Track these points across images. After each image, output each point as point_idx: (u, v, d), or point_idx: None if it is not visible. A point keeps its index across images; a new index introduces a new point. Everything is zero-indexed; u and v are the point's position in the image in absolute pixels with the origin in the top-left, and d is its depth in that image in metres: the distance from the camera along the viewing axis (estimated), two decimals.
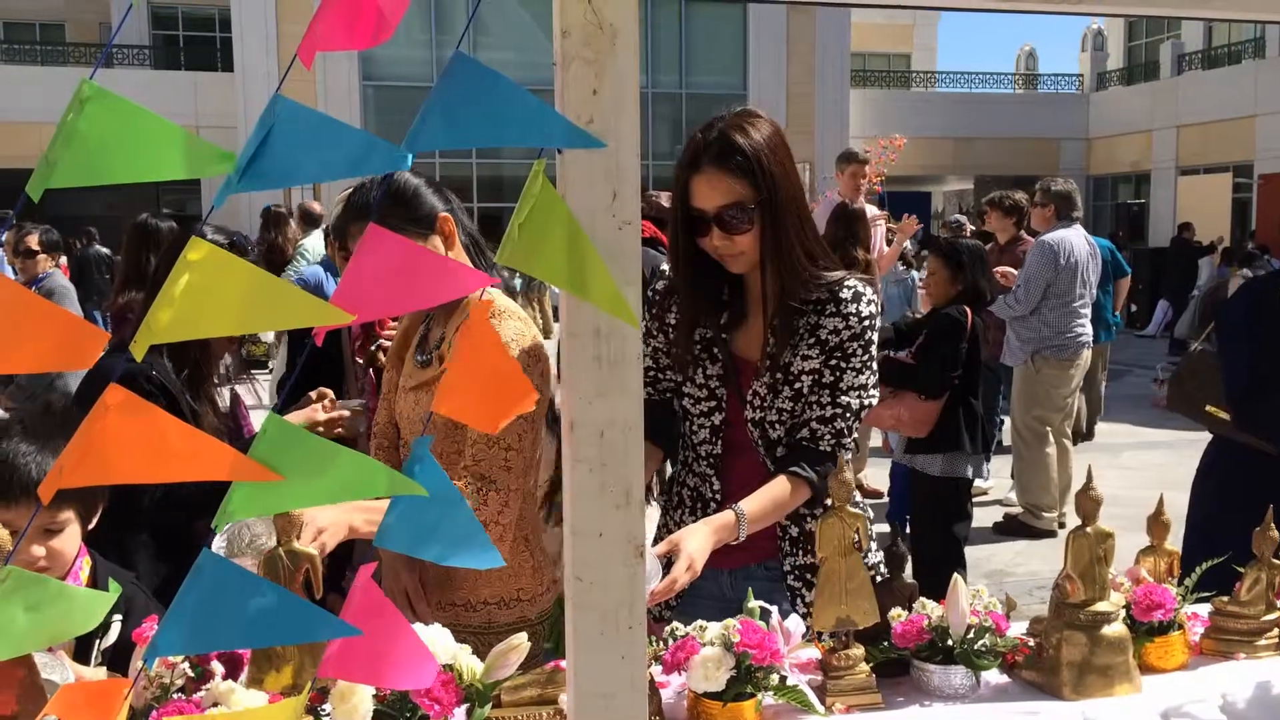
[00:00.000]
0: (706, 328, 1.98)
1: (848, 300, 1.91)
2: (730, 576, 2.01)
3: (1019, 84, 31.58)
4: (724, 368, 1.97)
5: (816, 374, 1.91)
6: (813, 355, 1.91)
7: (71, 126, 0.81)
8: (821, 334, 1.91)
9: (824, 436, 1.91)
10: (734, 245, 1.85)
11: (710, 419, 1.99)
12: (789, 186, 1.85)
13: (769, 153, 1.84)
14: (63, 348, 0.82)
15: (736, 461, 1.99)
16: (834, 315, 1.91)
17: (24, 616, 0.86)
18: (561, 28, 1.11)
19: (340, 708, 1.32)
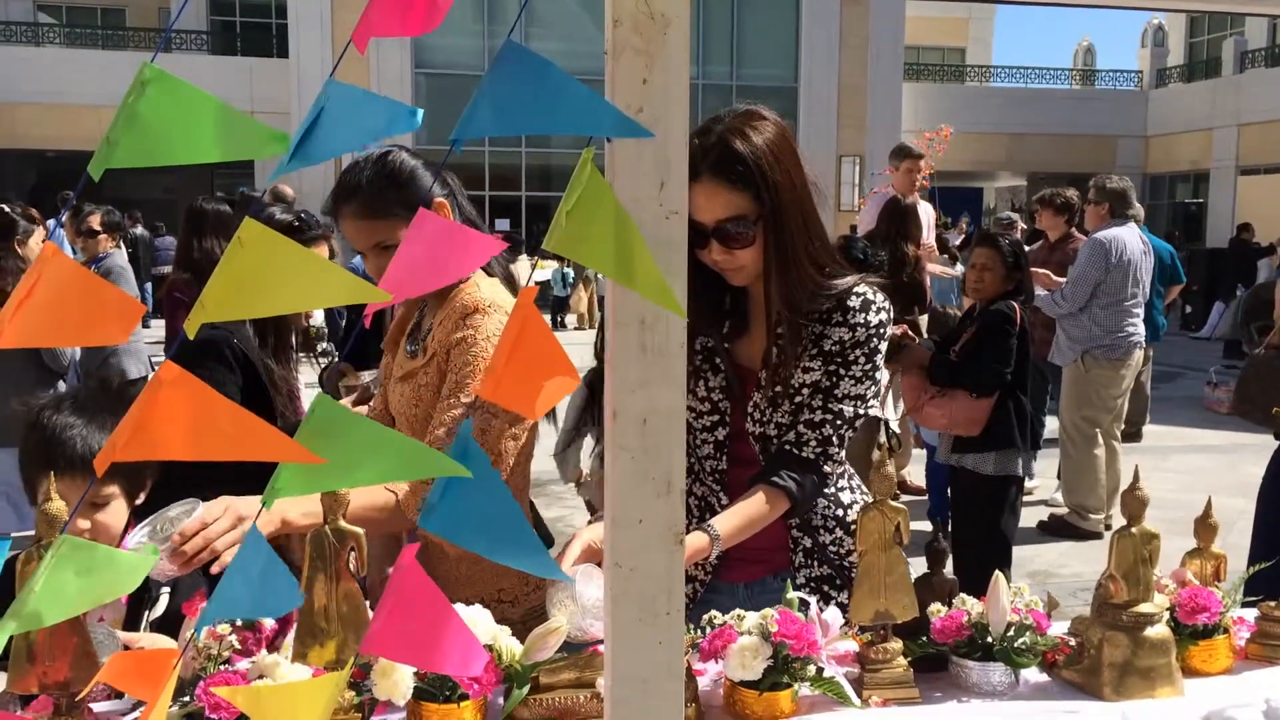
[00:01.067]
0: (708, 337, 1.90)
1: (856, 309, 1.83)
2: (746, 589, 1.96)
3: (1076, 79, 31.09)
4: (726, 379, 1.90)
5: (815, 384, 1.84)
6: (814, 366, 1.83)
7: (132, 108, 0.83)
8: (825, 344, 1.83)
9: (809, 442, 1.83)
10: (734, 260, 1.76)
11: (714, 433, 1.92)
12: (794, 194, 1.75)
13: (772, 159, 1.73)
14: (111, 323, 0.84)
15: (743, 474, 1.90)
16: (840, 325, 1.83)
17: (74, 581, 0.88)
18: (613, 17, 1.12)
19: (382, 683, 1.34)
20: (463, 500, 0.97)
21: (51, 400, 1.88)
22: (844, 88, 24.99)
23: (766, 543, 1.87)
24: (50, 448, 1.72)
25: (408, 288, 0.91)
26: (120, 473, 1.77)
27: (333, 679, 0.97)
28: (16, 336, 0.82)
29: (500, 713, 1.46)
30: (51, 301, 0.82)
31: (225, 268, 0.85)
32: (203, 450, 0.88)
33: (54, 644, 1.26)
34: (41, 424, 1.76)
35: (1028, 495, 6.25)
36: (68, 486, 1.71)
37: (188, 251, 4.44)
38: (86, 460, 1.72)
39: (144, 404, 0.85)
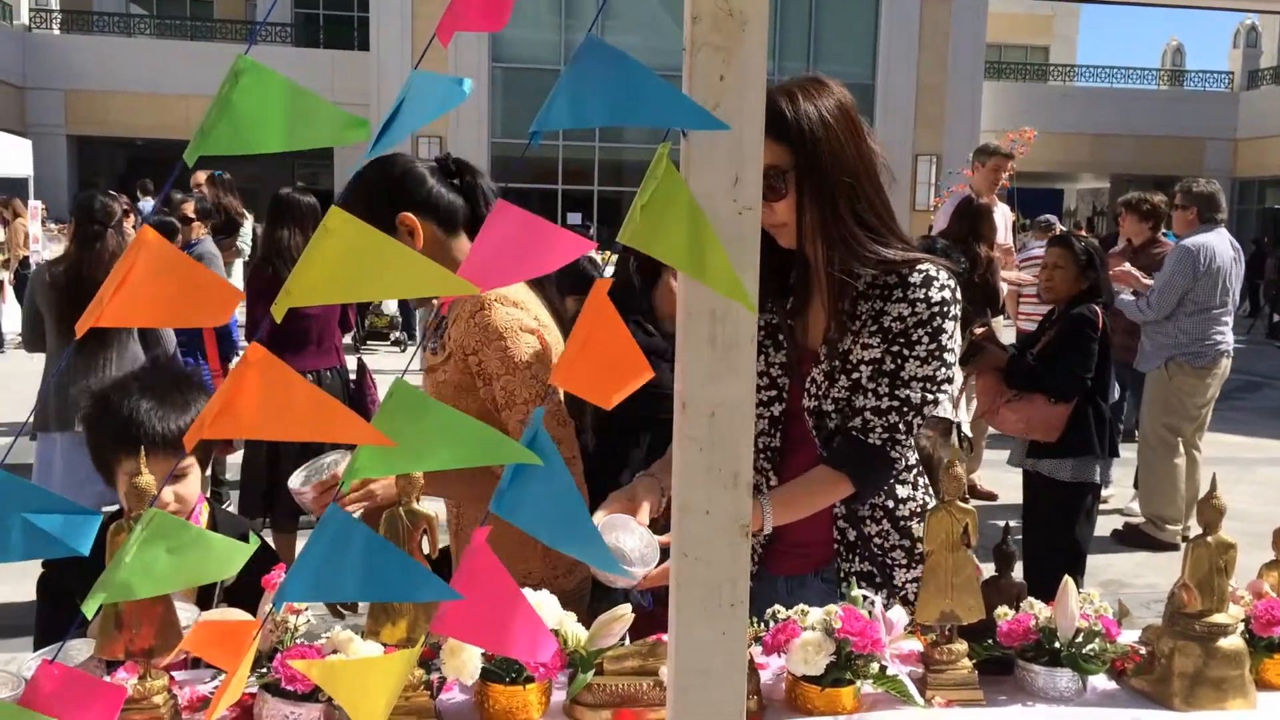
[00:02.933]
0: (771, 313, 1.88)
1: (916, 285, 1.78)
2: (786, 583, 1.92)
3: (1164, 80, 30.32)
4: (788, 355, 1.88)
5: (877, 363, 1.79)
6: (874, 344, 1.78)
7: (225, 98, 0.86)
8: (885, 320, 1.78)
9: (875, 429, 1.78)
10: (771, 214, 1.74)
11: (770, 409, 1.88)
12: (844, 158, 1.73)
13: (819, 121, 1.72)
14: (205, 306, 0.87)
15: (795, 456, 1.88)
16: (900, 301, 1.77)
17: (166, 558, 0.92)
18: (692, 14, 1.13)
19: (450, 662, 1.38)
20: (529, 487, 0.99)
21: (115, 384, 1.95)
22: (922, 86, 24.67)
23: (810, 535, 1.85)
24: (128, 430, 1.79)
25: (488, 278, 0.93)
26: (197, 445, 1.85)
27: (404, 656, 1.00)
28: (116, 316, 0.86)
29: (564, 697, 1.48)
30: (149, 283, 0.85)
31: (311, 255, 0.88)
32: (283, 430, 0.91)
33: (140, 613, 1.32)
34: (113, 408, 1.84)
35: (1103, 503, 6.14)
36: (150, 465, 1.79)
37: (270, 239, 4.56)
38: (165, 439, 1.80)
39: (232, 383, 0.88)
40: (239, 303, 0.87)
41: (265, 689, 1.36)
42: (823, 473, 1.79)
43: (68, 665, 0.90)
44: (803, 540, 1.86)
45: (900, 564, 1.88)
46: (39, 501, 0.92)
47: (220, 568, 0.93)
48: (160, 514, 0.90)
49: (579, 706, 1.45)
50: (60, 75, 23.54)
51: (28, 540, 0.91)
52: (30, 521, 0.92)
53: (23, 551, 0.93)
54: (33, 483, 0.93)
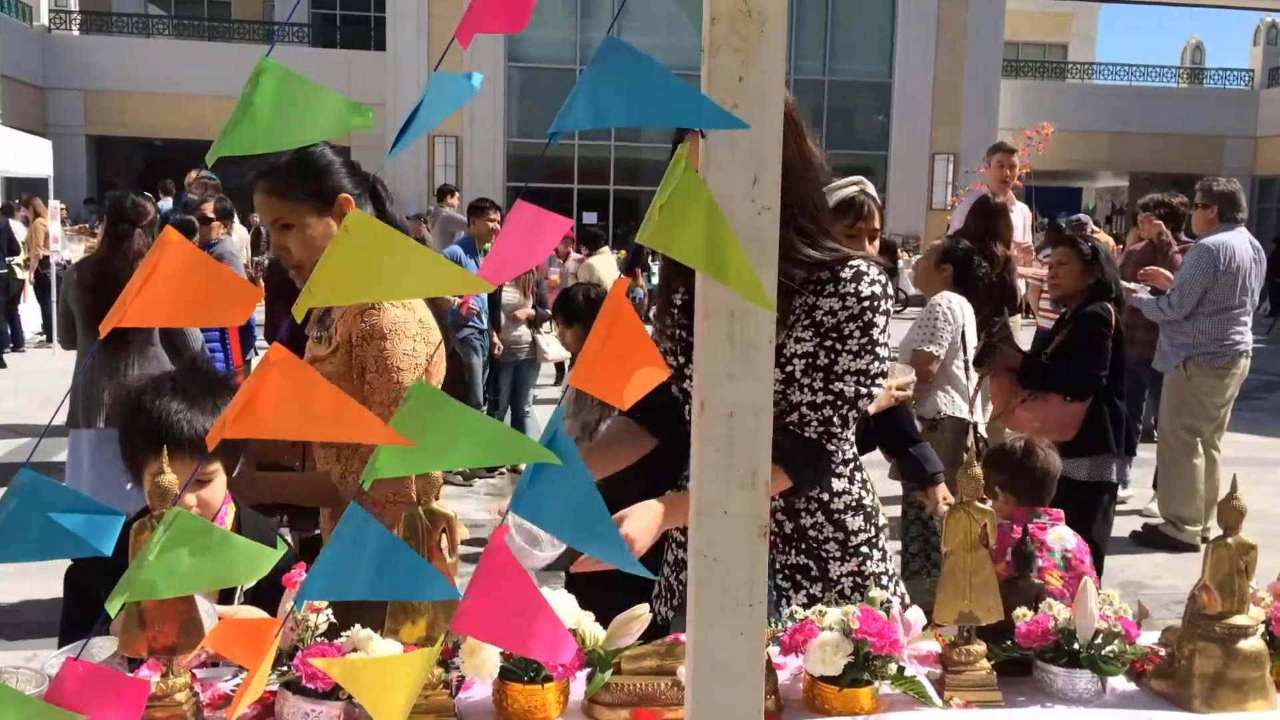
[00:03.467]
0: None
1: (847, 280, 1.80)
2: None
3: (1183, 78, 30.13)
4: None
5: (810, 356, 1.80)
6: (806, 338, 1.80)
7: (247, 98, 0.87)
8: (817, 315, 1.79)
9: (811, 422, 1.79)
10: None
11: None
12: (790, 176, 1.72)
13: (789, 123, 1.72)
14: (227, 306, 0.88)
15: None
16: (831, 295, 1.79)
17: (190, 560, 0.92)
18: (711, 14, 1.13)
19: (469, 661, 1.39)
20: (548, 487, 0.99)
21: (149, 384, 1.96)
22: (939, 84, 24.59)
23: None
24: (157, 430, 1.79)
25: (503, 273, 0.93)
26: (222, 449, 1.85)
27: (424, 655, 1.01)
28: (138, 316, 0.87)
29: (581, 695, 1.49)
30: (172, 283, 0.86)
31: (331, 255, 0.88)
32: (305, 430, 0.92)
33: (163, 611, 1.33)
34: (144, 407, 1.85)
35: (1121, 504, 6.10)
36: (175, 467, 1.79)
37: None
38: (192, 441, 1.80)
39: (253, 383, 0.89)
40: (259, 302, 0.88)
41: (286, 687, 1.37)
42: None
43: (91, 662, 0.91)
44: None
45: (834, 556, 1.90)
46: (64, 501, 0.93)
47: (245, 571, 0.94)
48: (184, 514, 0.90)
49: (597, 705, 1.45)
50: (79, 76, 23.70)
51: (52, 539, 0.92)
52: (55, 521, 0.93)
53: (47, 551, 0.93)
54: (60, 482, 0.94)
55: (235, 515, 1.92)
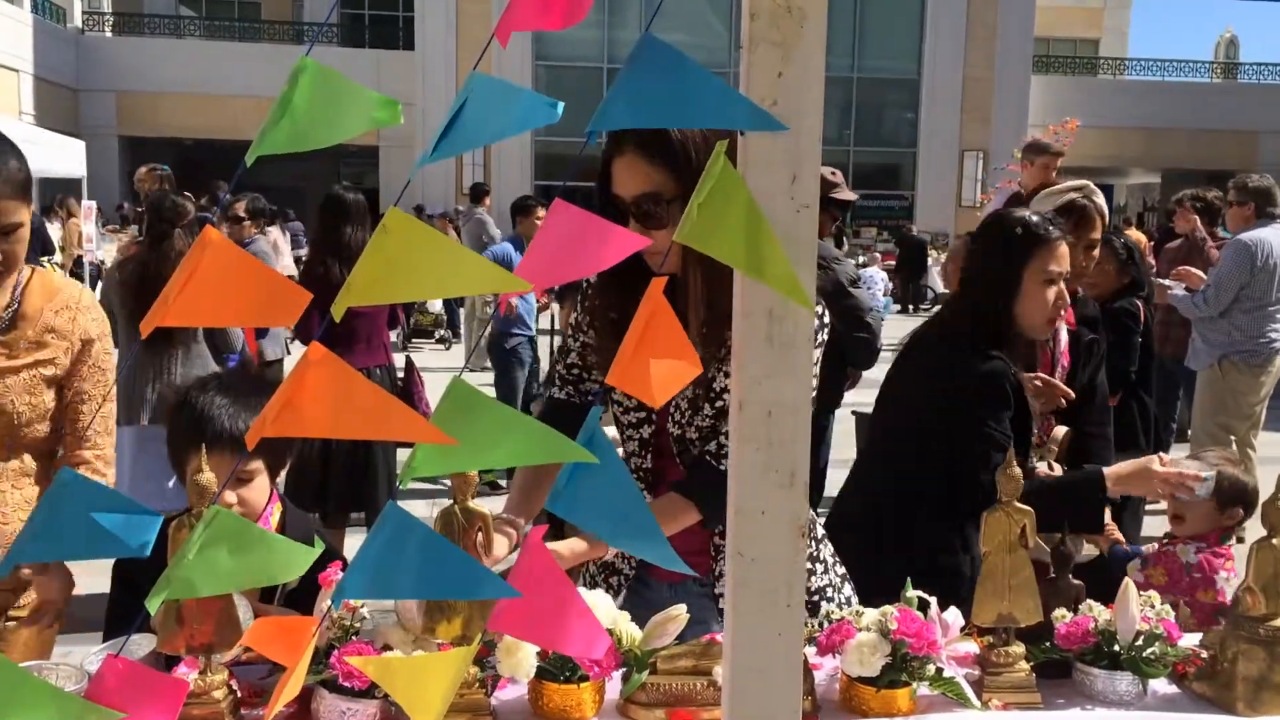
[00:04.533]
0: None
1: None
2: (670, 589, 1.87)
3: (1217, 73, 29.78)
4: None
5: None
6: None
7: (286, 98, 0.87)
8: None
9: (729, 454, 1.72)
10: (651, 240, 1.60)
11: (639, 431, 1.84)
12: None
13: (704, 145, 1.63)
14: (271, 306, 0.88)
15: (668, 475, 1.82)
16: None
17: (228, 559, 0.92)
18: (750, 10, 1.12)
19: (506, 660, 1.39)
20: (587, 485, 0.99)
21: (197, 383, 1.98)
22: (969, 80, 24.42)
23: (687, 546, 1.75)
24: (199, 426, 1.80)
25: (546, 277, 0.93)
26: (265, 449, 1.85)
27: (460, 654, 1.01)
28: (180, 315, 0.87)
29: (617, 695, 1.49)
30: (214, 283, 0.86)
31: (370, 254, 0.88)
32: (344, 428, 0.92)
33: (201, 609, 1.34)
34: (190, 404, 1.86)
35: (1154, 503, 6.03)
36: (215, 464, 1.80)
37: (328, 239, 4.62)
38: (234, 438, 1.81)
39: (292, 382, 0.89)
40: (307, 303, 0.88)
41: (322, 685, 1.38)
42: (670, 499, 1.74)
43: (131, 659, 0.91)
44: (682, 550, 1.77)
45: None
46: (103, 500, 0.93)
47: (284, 570, 0.94)
48: (223, 512, 0.90)
49: (633, 705, 1.45)
50: (112, 77, 23.94)
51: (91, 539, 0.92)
52: (94, 520, 0.93)
53: (85, 550, 0.94)
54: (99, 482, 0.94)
55: (281, 515, 1.92)
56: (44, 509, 0.91)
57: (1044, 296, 2.24)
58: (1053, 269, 2.24)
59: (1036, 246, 2.23)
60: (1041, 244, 2.24)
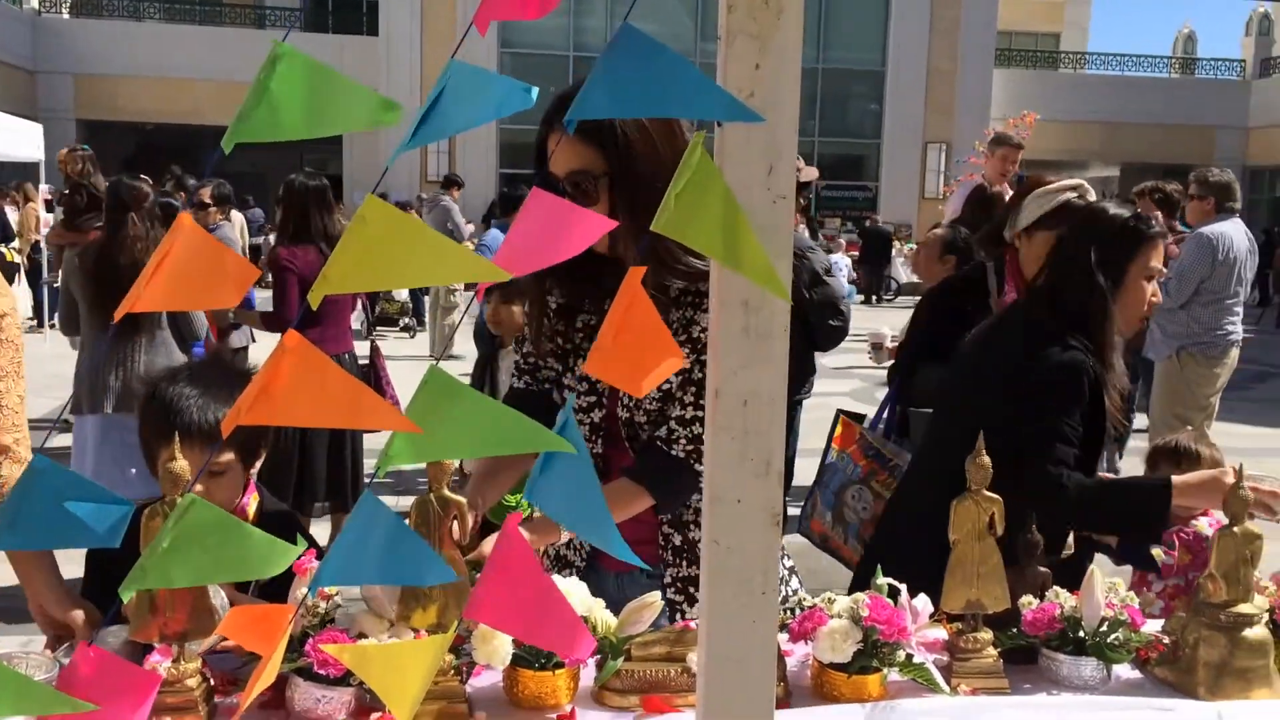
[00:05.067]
0: (590, 314, 1.84)
1: None
2: (616, 579, 1.87)
3: (1175, 68, 30.19)
4: None
5: (686, 372, 1.76)
6: (685, 353, 1.75)
7: (263, 85, 0.86)
8: (694, 330, 1.75)
9: (679, 439, 1.75)
10: None
11: (590, 415, 1.84)
12: (654, 162, 1.67)
13: (633, 124, 1.67)
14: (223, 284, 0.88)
15: (618, 460, 1.82)
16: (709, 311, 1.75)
17: (203, 551, 0.92)
18: (728, 2, 1.13)
19: (482, 648, 1.39)
20: (559, 476, 0.99)
21: (168, 374, 1.96)
22: (932, 73, 24.59)
23: (636, 535, 1.78)
24: (169, 416, 1.78)
25: (521, 264, 0.93)
26: (238, 441, 1.83)
27: (437, 641, 1.01)
28: (151, 301, 0.87)
29: (592, 681, 1.50)
30: (181, 269, 0.86)
31: (347, 242, 0.88)
32: (319, 418, 0.92)
33: (174, 598, 1.33)
34: (160, 395, 1.84)
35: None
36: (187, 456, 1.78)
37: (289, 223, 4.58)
38: (204, 429, 1.79)
39: (267, 371, 0.89)
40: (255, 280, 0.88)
41: (297, 673, 1.38)
42: (622, 484, 1.74)
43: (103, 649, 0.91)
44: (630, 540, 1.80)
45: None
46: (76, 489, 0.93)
47: (262, 566, 0.93)
48: (199, 502, 0.90)
49: (608, 692, 1.46)
50: (70, 59, 23.55)
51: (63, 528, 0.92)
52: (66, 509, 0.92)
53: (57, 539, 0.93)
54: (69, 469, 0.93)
55: (258, 506, 1.91)
56: (16, 498, 0.90)
57: (1144, 292, 2.23)
58: (1154, 265, 2.24)
59: (1142, 243, 2.22)
60: (1147, 240, 2.23)
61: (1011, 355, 2.21)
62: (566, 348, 1.86)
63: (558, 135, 1.69)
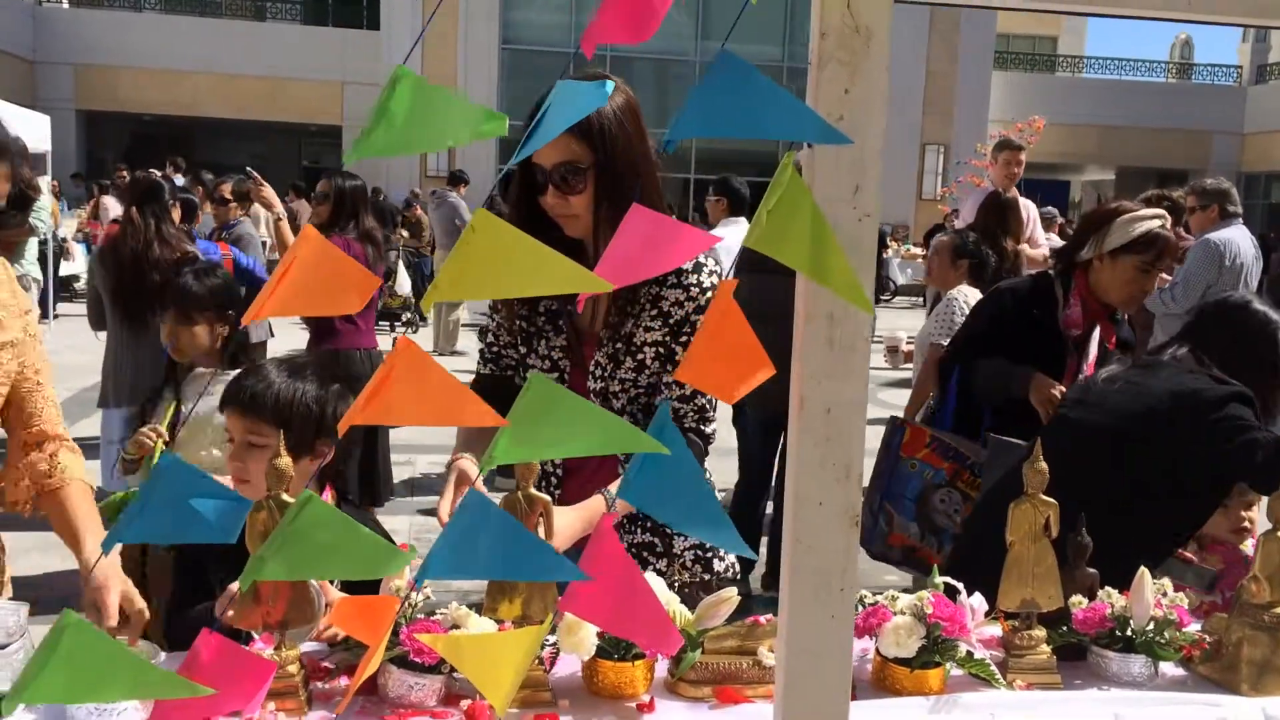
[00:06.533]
0: (551, 299, 1.95)
1: (688, 271, 1.89)
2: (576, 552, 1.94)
3: (1172, 73, 30.31)
4: (568, 339, 1.95)
5: (662, 346, 1.89)
6: (655, 327, 1.89)
7: (384, 104, 0.92)
8: (664, 305, 1.88)
9: (686, 415, 1.91)
10: (568, 206, 1.83)
11: None
12: (631, 156, 1.82)
13: (614, 120, 1.81)
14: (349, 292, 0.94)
15: None
16: (675, 286, 1.88)
17: (318, 547, 0.97)
18: (820, 29, 1.19)
19: (567, 639, 1.45)
20: (657, 475, 1.05)
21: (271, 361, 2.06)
22: (931, 75, 24.65)
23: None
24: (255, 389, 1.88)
25: (623, 275, 0.99)
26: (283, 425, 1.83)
27: (532, 633, 1.06)
28: (274, 309, 0.92)
29: (665, 673, 1.56)
30: (304, 278, 0.92)
31: (458, 253, 0.94)
32: (425, 417, 0.98)
33: (276, 588, 1.39)
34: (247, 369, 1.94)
35: None
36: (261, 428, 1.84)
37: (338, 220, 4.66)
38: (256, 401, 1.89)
39: (380, 375, 0.95)
40: (376, 289, 0.94)
41: (390, 661, 1.44)
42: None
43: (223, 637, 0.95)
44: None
45: (677, 532, 1.95)
46: (199, 486, 0.99)
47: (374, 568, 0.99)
48: (315, 499, 0.96)
49: (683, 683, 1.52)
50: (70, 50, 23.47)
51: (184, 523, 0.98)
52: (189, 506, 0.98)
53: (178, 534, 0.99)
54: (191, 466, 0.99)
55: (335, 502, 1.96)
56: (144, 493, 0.96)
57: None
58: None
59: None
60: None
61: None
62: (530, 330, 1.97)
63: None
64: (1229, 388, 2.28)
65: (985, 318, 3.36)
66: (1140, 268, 3.02)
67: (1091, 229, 3.12)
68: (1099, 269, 3.06)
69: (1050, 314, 3.13)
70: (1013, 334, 3.15)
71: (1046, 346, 3.13)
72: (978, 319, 3.45)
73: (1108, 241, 3.02)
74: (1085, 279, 3.11)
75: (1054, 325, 3.15)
